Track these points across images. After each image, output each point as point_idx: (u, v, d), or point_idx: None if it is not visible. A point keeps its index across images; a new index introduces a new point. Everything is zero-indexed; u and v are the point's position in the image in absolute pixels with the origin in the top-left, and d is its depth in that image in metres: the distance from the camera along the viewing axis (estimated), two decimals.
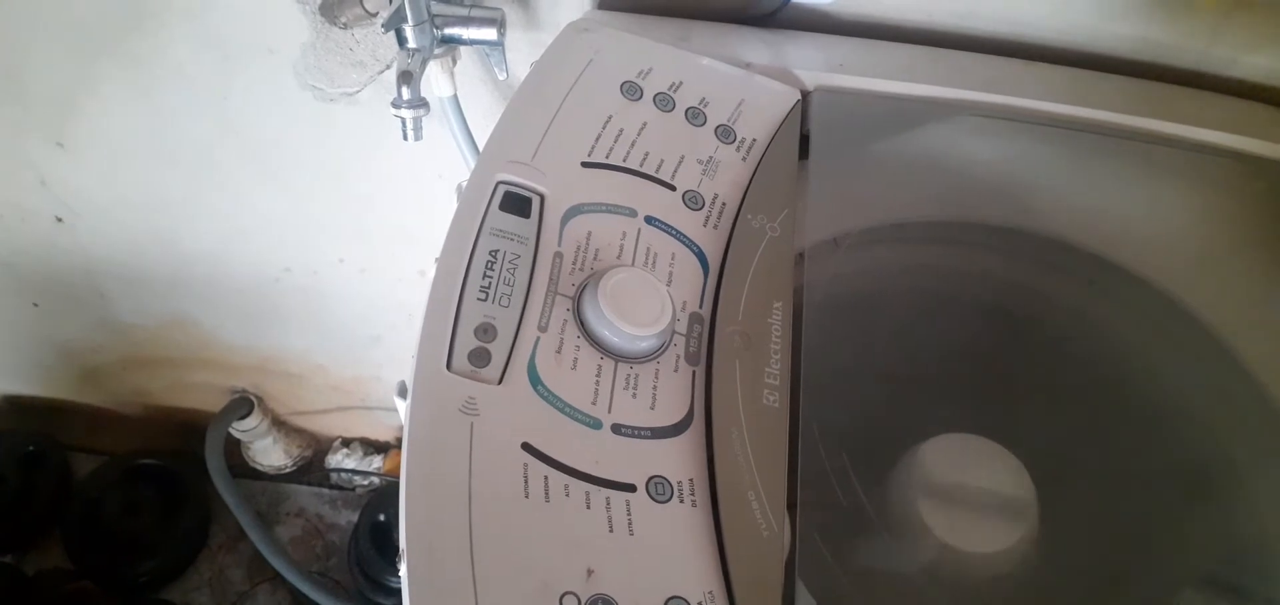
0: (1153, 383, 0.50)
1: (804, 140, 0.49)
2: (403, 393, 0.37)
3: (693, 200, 0.45)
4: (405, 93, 0.53)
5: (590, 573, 0.31)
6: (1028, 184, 0.52)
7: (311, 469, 1.22)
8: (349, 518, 1.15)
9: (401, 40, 0.54)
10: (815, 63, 0.54)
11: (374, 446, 1.21)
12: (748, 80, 0.51)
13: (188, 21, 0.67)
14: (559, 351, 0.37)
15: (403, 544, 0.30)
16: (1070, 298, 0.51)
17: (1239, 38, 0.53)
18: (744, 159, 0.47)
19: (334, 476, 1.18)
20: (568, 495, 0.33)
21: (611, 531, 0.32)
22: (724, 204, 0.45)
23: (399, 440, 1.21)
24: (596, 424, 0.35)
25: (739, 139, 0.48)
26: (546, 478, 0.33)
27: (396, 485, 1.03)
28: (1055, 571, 0.43)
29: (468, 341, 0.36)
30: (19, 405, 1.19)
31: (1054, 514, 0.42)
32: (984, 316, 0.51)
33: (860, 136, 0.52)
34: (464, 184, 0.42)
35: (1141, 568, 0.44)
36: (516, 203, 0.41)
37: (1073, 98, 0.52)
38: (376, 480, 1.17)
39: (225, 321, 1.02)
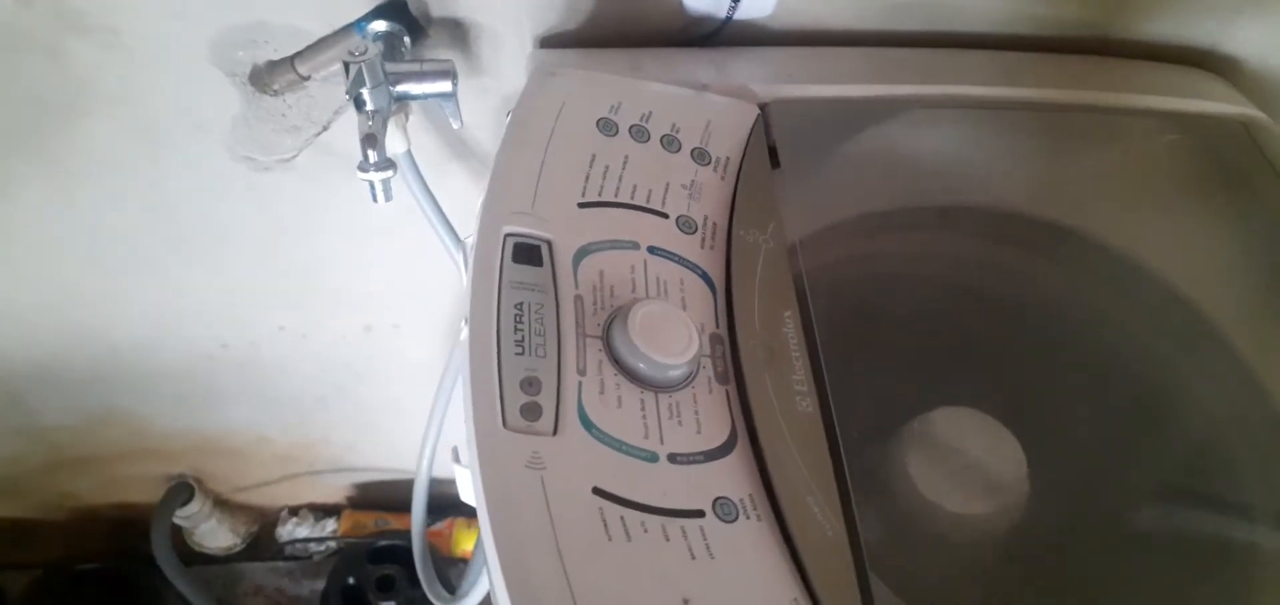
0: (1113, 331, 0.54)
1: (772, 151, 0.52)
2: (457, 458, 0.37)
3: (686, 225, 0.46)
4: (372, 156, 0.53)
5: (686, 602, 0.32)
6: (977, 164, 0.56)
7: (261, 544, 1.18)
8: (311, 587, 1.11)
9: (360, 104, 0.53)
10: (763, 76, 0.56)
11: (324, 510, 1.18)
12: (708, 101, 0.53)
13: (108, 108, 0.64)
14: (602, 393, 0.38)
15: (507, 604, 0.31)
16: (1032, 265, 0.55)
17: (1140, 6, 0.59)
18: (722, 178, 0.49)
19: (288, 547, 1.14)
20: (646, 531, 0.34)
21: (693, 559, 0.34)
22: (715, 224, 0.47)
23: (350, 500, 1.19)
24: (653, 457, 0.37)
25: (714, 159, 0.50)
26: (623, 518, 0.34)
27: (358, 547, 1.00)
28: (1044, 524, 0.47)
29: (516, 397, 0.36)
30: None
31: (1041, 472, 0.46)
32: (958, 292, 0.54)
33: (821, 140, 0.55)
34: (469, 241, 0.43)
35: (1126, 505, 0.48)
36: (527, 252, 0.42)
37: (999, 80, 0.57)
38: (333, 544, 1.14)
39: (158, 409, 0.97)
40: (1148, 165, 0.56)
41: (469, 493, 0.36)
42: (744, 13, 0.57)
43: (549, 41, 0.60)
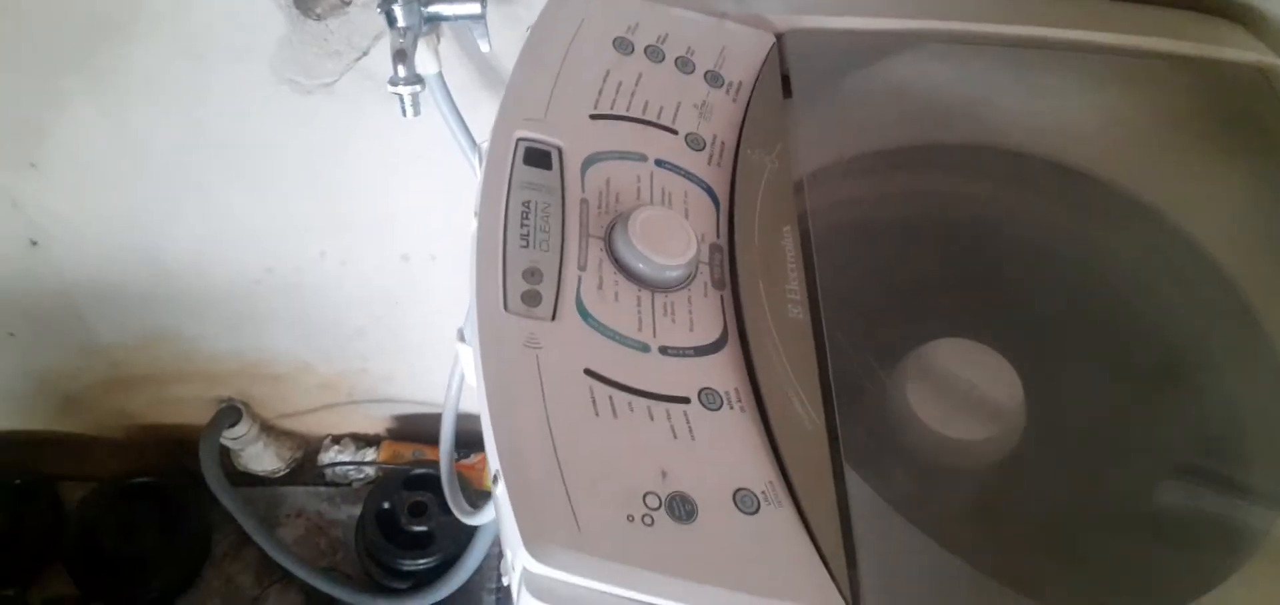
0: (1119, 273, 0.54)
1: (785, 80, 0.53)
2: (462, 337, 0.40)
3: (695, 142, 0.48)
4: (401, 70, 0.55)
5: (664, 474, 0.35)
6: (989, 103, 0.57)
7: (304, 469, 1.23)
8: (350, 512, 1.16)
9: (391, 20, 0.56)
10: (781, 6, 0.57)
11: (365, 440, 1.23)
12: (726, 28, 0.54)
13: (156, 27, 0.67)
14: (600, 287, 0.40)
15: (497, 466, 0.33)
16: (1035, 205, 0.55)
17: None
18: (734, 101, 0.51)
19: (329, 473, 1.19)
20: (632, 411, 0.36)
21: (675, 438, 0.36)
22: (723, 143, 0.49)
23: (390, 431, 1.24)
24: (645, 348, 0.39)
25: (727, 82, 0.51)
26: (611, 397, 0.36)
27: (395, 474, 1.04)
28: (1042, 462, 0.48)
29: (518, 284, 0.39)
30: None
31: (1039, 405, 0.47)
32: (962, 228, 0.55)
33: (835, 72, 0.56)
34: (484, 145, 0.45)
35: (1122, 452, 0.49)
36: (538, 156, 0.44)
37: (1020, 18, 0.57)
38: (372, 471, 1.19)
39: (207, 331, 1.02)
40: (1162, 108, 0.55)
41: (471, 371, 0.39)
42: None
43: None
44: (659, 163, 0.46)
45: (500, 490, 0.33)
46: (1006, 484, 0.46)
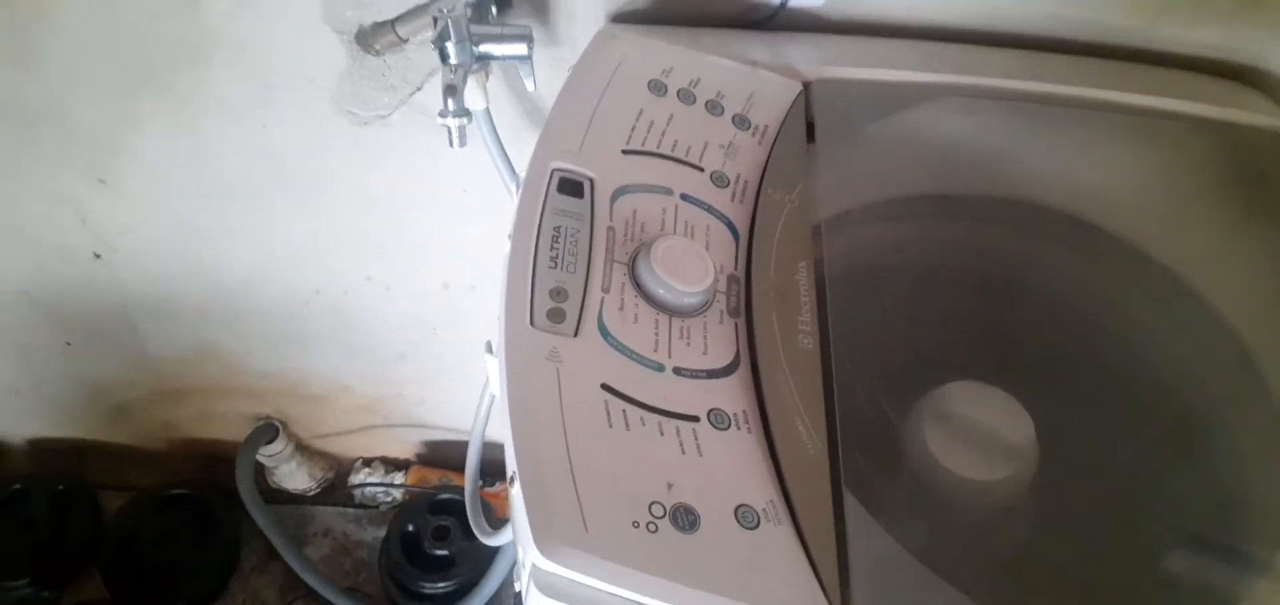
0: (1132, 329, 0.55)
1: (809, 126, 0.56)
2: (490, 349, 0.43)
3: (719, 179, 0.50)
4: (451, 104, 0.59)
5: (670, 486, 0.36)
6: (1006, 156, 0.58)
7: (334, 489, 1.26)
8: (375, 534, 1.18)
9: (444, 57, 0.59)
10: (811, 59, 0.60)
11: (394, 464, 1.26)
12: (755, 75, 0.57)
13: (231, 55, 0.72)
14: (622, 309, 0.42)
15: (514, 468, 0.35)
16: (1050, 256, 0.57)
17: (1180, 17, 0.60)
18: (759, 143, 0.53)
19: (358, 494, 1.22)
20: (644, 425, 0.38)
21: (683, 454, 0.38)
22: (746, 182, 0.51)
23: (419, 457, 1.26)
24: (660, 367, 0.41)
25: (753, 126, 0.54)
26: (625, 411, 0.38)
27: (421, 498, 1.06)
28: (1053, 507, 0.48)
29: (545, 302, 0.41)
30: (42, 448, 1.23)
31: (1052, 455, 0.48)
32: (975, 276, 0.57)
33: (858, 120, 0.58)
34: (522, 174, 0.48)
35: (1132, 504, 0.49)
36: (571, 186, 0.47)
37: (1039, 76, 0.59)
38: (399, 494, 1.21)
39: (253, 348, 1.06)
40: (1178, 167, 0.57)
41: (496, 381, 0.41)
42: (799, 0, 0.61)
43: (621, 17, 0.65)
44: (684, 197, 0.49)
45: (516, 491, 0.35)
46: (1005, 523, 0.47)
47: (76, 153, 0.83)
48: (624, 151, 0.49)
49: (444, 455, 1.23)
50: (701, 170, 0.50)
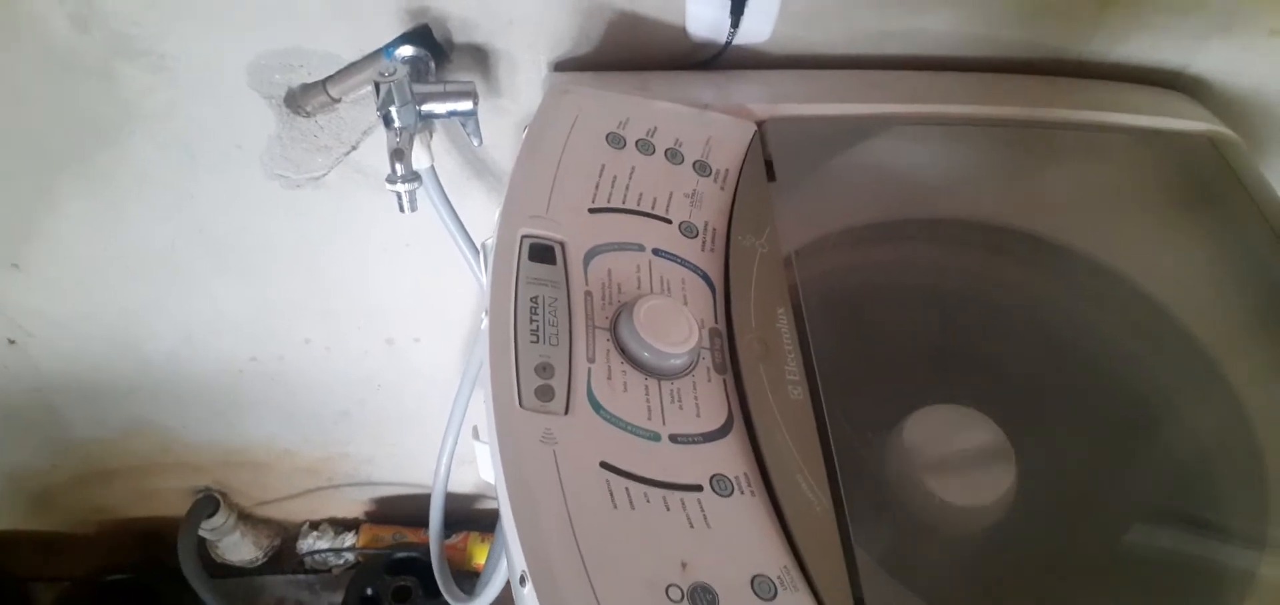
0: (1090, 333, 0.57)
1: (768, 164, 0.56)
2: (477, 436, 0.41)
3: (688, 230, 0.50)
4: (399, 168, 0.57)
5: (684, 565, 0.36)
6: (959, 179, 0.60)
7: (282, 557, 1.21)
8: (330, 599, 1.15)
9: (388, 122, 0.57)
10: (760, 96, 0.60)
11: (344, 524, 1.22)
12: (709, 119, 0.57)
13: (152, 128, 0.68)
14: (609, 378, 0.41)
15: (524, 568, 0.34)
16: (1011, 273, 0.58)
17: (1110, 32, 0.62)
18: (722, 188, 0.53)
19: (308, 560, 1.18)
20: (648, 501, 0.37)
21: (691, 527, 0.37)
22: (714, 229, 0.51)
23: (368, 514, 1.23)
24: (656, 436, 0.40)
25: (714, 171, 0.54)
26: (628, 489, 0.37)
27: (376, 559, 1.03)
28: (1033, 520, 0.49)
29: (531, 380, 0.40)
30: None
31: (1026, 464, 0.49)
32: (941, 297, 0.57)
33: (814, 156, 0.58)
34: (488, 243, 0.47)
35: (1104, 500, 0.51)
36: (542, 252, 0.46)
37: (980, 99, 0.61)
38: (351, 556, 1.17)
39: (187, 421, 1.01)
40: (1121, 178, 0.59)
41: (488, 468, 0.40)
42: (743, 38, 0.61)
43: (562, 65, 0.64)
44: (656, 251, 0.48)
45: (527, 591, 0.34)
46: (1003, 545, 0.48)
47: None
48: (591, 210, 0.49)
49: (395, 510, 1.20)
50: (670, 222, 0.50)
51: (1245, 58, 0.62)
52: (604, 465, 0.38)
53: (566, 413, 0.39)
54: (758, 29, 0.61)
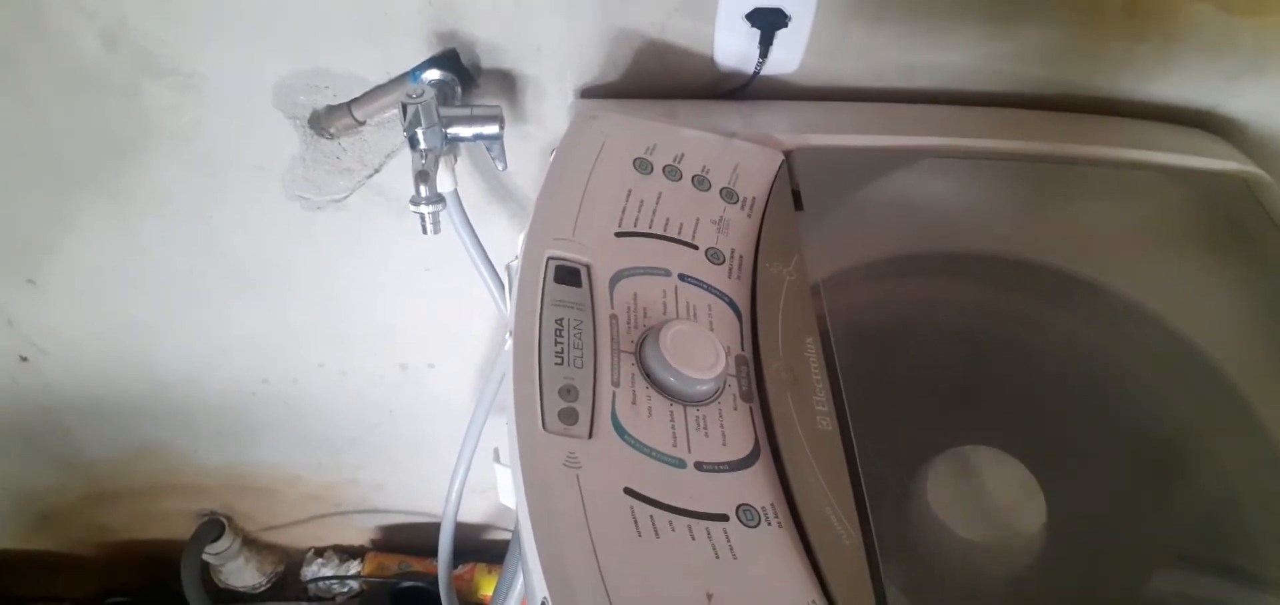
0: (1122, 374, 0.56)
1: (795, 194, 0.55)
2: (498, 458, 0.40)
3: (715, 256, 0.49)
4: (423, 190, 0.56)
5: (710, 597, 0.34)
6: (987, 213, 0.59)
7: (286, 584, 1.20)
8: None
9: (414, 143, 0.57)
10: (787, 126, 0.60)
11: (349, 552, 1.20)
12: (737, 147, 0.57)
13: (174, 147, 0.68)
14: (634, 402, 0.40)
15: (545, 594, 0.33)
16: (1040, 310, 0.57)
17: (1140, 70, 0.62)
18: (749, 216, 0.53)
19: (312, 588, 1.16)
20: (673, 530, 0.36)
21: (717, 558, 0.36)
22: (741, 256, 0.50)
23: (374, 542, 1.21)
24: (681, 464, 0.39)
25: (742, 198, 0.53)
26: (652, 517, 0.36)
27: (382, 587, 1.02)
28: (1063, 562, 0.48)
29: (555, 402, 0.39)
30: None
31: (1055, 504, 0.47)
32: (972, 333, 0.56)
33: (842, 186, 0.58)
34: (512, 264, 0.46)
35: (1134, 543, 0.50)
36: (568, 274, 0.45)
37: (1009, 134, 0.60)
38: (356, 585, 1.16)
39: (197, 443, 1.01)
40: (1152, 216, 0.58)
41: (508, 493, 0.39)
42: (771, 69, 0.61)
43: (589, 93, 0.64)
44: (682, 277, 0.47)
45: None
46: (1031, 586, 0.46)
47: (4, 254, 0.77)
48: (618, 234, 0.48)
49: (402, 539, 1.18)
50: (696, 248, 0.49)
51: (1277, 99, 0.61)
52: (628, 491, 0.37)
53: (590, 436, 0.39)
54: (786, 60, 0.61)
